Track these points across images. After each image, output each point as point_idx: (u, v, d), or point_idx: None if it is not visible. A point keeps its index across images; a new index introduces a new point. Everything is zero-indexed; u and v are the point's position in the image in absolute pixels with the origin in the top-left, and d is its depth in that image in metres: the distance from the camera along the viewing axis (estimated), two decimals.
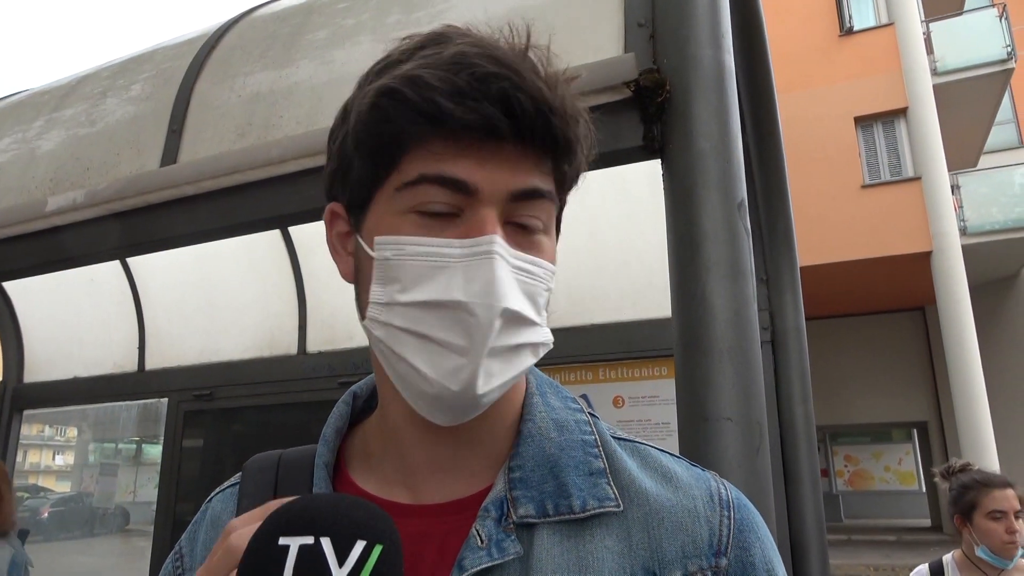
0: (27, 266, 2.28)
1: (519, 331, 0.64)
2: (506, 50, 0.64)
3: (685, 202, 1.22)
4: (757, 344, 1.16)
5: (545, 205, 0.67)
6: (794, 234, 2.90)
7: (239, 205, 1.76)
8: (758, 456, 1.11)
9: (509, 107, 0.61)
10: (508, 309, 0.62)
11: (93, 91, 2.45)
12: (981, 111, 14.35)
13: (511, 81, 0.61)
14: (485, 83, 0.61)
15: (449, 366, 0.62)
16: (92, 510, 15.78)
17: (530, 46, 0.67)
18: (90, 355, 4.48)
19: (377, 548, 0.56)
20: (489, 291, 0.61)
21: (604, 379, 3.23)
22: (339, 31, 1.98)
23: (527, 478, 0.68)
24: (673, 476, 0.71)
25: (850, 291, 14.33)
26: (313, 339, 3.98)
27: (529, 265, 0.65)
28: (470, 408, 0.65)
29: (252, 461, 0.80)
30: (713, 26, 1.32)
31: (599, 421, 0.75)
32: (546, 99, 0.62)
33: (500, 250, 0.62)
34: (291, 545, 0.55)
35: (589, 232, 3.35)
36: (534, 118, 0.62)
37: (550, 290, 0.68)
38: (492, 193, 0.63)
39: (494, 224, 0.63)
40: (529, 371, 0.76)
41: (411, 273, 0.63)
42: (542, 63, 0.66)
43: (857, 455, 20.10)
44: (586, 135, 0.68)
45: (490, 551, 0.64)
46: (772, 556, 0.69)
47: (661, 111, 1.28)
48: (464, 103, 0.61)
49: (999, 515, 2.40)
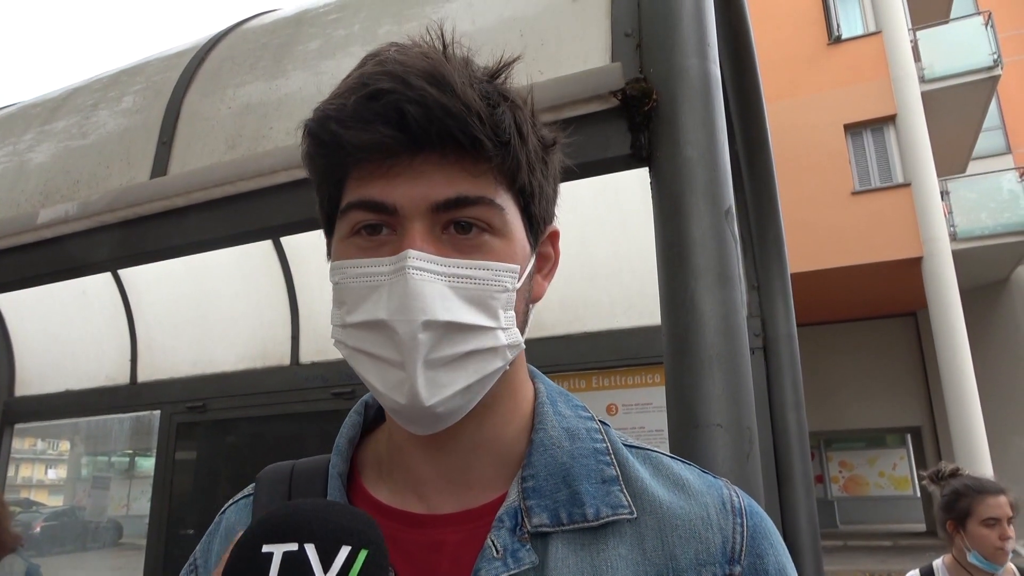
0: (17, 279, 2.28)
1: (462, 339, 0.64)
2: (413, 60, 0.63)
3: (673, 210, 1.23)
4: (746, 350, 1.17)
5: (481, 209, 0.65)
6: (784, 241, 2.91)
7: (230, 216, 1.76)
8: (748, 462, 1.11)
9: (402, 120, 0.61)
10: (432, 322, 0.62)
11: (83, 104, 2.45)
12: (969, 118, 14.46)
13: (400, 94, 0.61)
14: (374, 100, 0.61)
15: (393, 380, 0.64)
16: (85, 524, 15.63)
17: (446, 46, 0.67)
18: (82, 368, 4.46)
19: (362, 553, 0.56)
20: (406, 307, 0.61)
21: (597, 387, 3.23)
22: (330, 42, 1.98)
23: (540, 487, 0.68)
24: (685, 483, 0.71)
25: (842, 297, 14.38)
26: (306, 350, 3.96)
27: (471, 271, 0.64)
28: (430, 419, 0.65)
29: (265, 472, 0.80)
30: (699, 36, 1.33)
31: (610, 429, 0.75)
32: (440, 103, 0.61)
33: (417, 264, 0.62)
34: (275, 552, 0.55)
35: (581, 241, 3.36)
36: (428, 125, 0.61)
37: (510, 291, 0.67)
38: (412, 208, 0.63)
39: (413, 239, 0.63)
40: (538, 380, 0.77)
41: (353, 295, 0.65)
42: (462, 63, 0.66)
43: (851, 461, 20.11)
44: (523, 121, 0.67)
45: (506, 561, 0.64)
46: (785, 562, 0.70)
47: (648, 120, 1.29)
48: (354, 127, 0.62)
49: (993, 522, 2.41)
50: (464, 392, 0.65)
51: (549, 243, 0.77)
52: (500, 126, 0.64)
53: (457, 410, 0.66)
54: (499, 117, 0.64)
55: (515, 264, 0.67)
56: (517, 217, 0.69)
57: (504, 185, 0.67)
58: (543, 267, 0.77)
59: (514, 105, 0.66)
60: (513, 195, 0.68)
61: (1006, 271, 14.53)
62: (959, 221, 13.15)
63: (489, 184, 0.65)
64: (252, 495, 0.79)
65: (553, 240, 0.78)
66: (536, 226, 0.72)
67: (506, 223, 0.67)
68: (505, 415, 0.72)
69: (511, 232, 0.68)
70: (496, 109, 0.64)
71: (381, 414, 0.80)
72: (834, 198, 12.87)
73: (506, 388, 0.71)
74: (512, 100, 0.66)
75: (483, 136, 0.62)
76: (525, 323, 0.72)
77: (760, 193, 2.80)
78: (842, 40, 14.00)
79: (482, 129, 0.62)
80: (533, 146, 0.68)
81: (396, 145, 0.62)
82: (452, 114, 0.61)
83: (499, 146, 0.64)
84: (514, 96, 0.67)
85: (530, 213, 0.71)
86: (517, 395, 0.74)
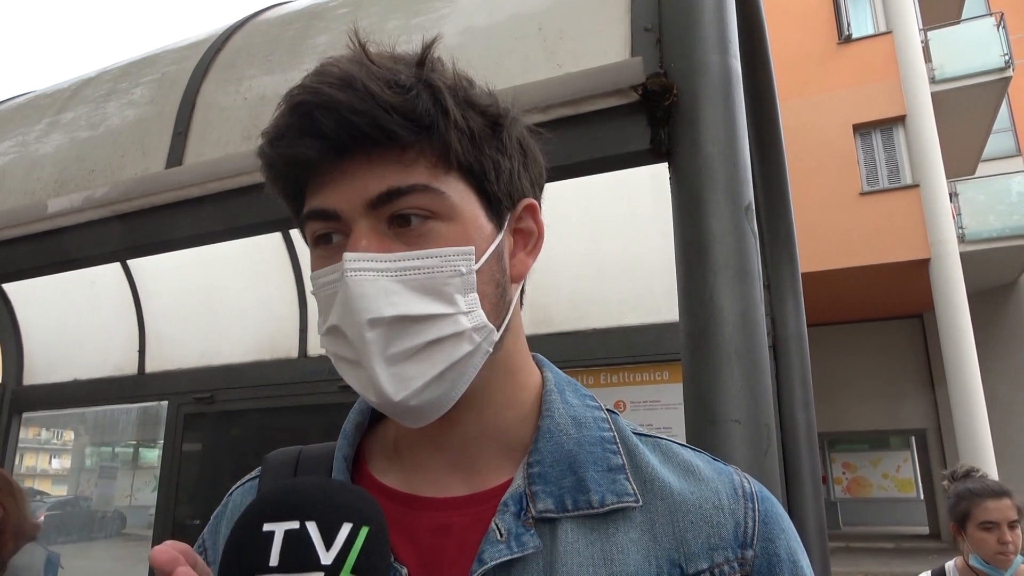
0: (30, 267, 2.28)
1: (417, 330, 0.64)
2: (328, 68, 0.64)
3: (692, 205, 1.23)
4: (765, 346, 1.17)
5: (418, 197, 0.64)
6: (795, 240, 2.91)
7: (244, 207, 1.76)
8: (766, 458, 1.11)
9: (316, 129, 0.62)
10: (377, 319, 0.63)
11: (97, 94, 2.46)
12: (979, 119, 14.39)
13: (311, 104, 0.62)
14: (292, 116, 0.63)
15: (363, 380, 0.65)
16: (90, 514, 15.72)
17: (363, 46, 0.67)
18: (90, 358, 4.47)
19: (364, 530, 0.56)
20: (348, 309, 0.63)
21: (606, 383, 3.23)
22: (340, 36, 1.98)
23: (546, 473, 0.68)
24: (695, 470, 0.71)
25: (848, 298, 14.34)
26: (314, 342, 3.97)
27: (417, 261, 0.64)
28: (410, 414, 0.66)
29: (272, 455, 0.81)
30: (720, 31, 1.33)
31: (618, 418, 0.75)
32: (345, 103, 0.61)
33: (354, 265, 0.63)
34: (276, 531, 0.55)
35: (590, 237, 3.35)
36: (339, 128, 0.62)
37: (466, 274, 0.66)
38: (351, 210, 0.65)
39: (356, 241, 0.64)
40: (547, 369, 0.78)
41: (323, 303, 0.68)
42: (387, 60, 0.66)
43: (855, 462, 20.08)
44: (450, 100, 0.65)
45: (509, 544, 0.64)
46: (796, 547, 0.70)
47: (668, 115, 1.28)
48: (280, 145, 0.64)
49: (990, 525, 2.41)
50: (437, 382, 0.65)
51: (529, 217, 0.75)
52: (414, 111, 0.63)
53: (437, 400, 0.66)
54: (411, 103, 0.63)
55: (469, 246, 0.66)
56: (469, 198, 0.68)
57: (442, 168, 0.66)
58: (526, 243, 0.76)
59: (433, 87, 0.65)
60: (458, 175, 0.67)
61: (1014, 274, 14.48)
62: (968, 223, 13.10)
63: (423, 171, 0.65)
64: (258, 477, 0.80)
65: (532, 213, 0.76)
66: (498, 203, 0.71)
67: (452, 207, 0.66)
68: (503, 401, 0.72)
69: (460, 214, 0.67)
70: (407, 95, 0.63)
71: None
72: (842, 198, 12.83)
73: (500, 373, 0.71)
74: (431, 83, 0.65)
75: (394, 126, 0.62)
76: (502, 305, 0.70)
77: (772, 191, 2.80)
78: (852, 40, 13.94)
79: (391, 119, 0.62)
80: (472, 123, 0.67)
81: (319, 154, 0.63)
82: (358, 111, 0.61)
83: (418, 131, 0.64)
84: (436, 79, 0.66)
85: (486, 192, 0.69)
86: (514, 380, 0.74)
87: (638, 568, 0.64)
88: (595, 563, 0.64)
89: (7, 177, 2.36)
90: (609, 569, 0.64)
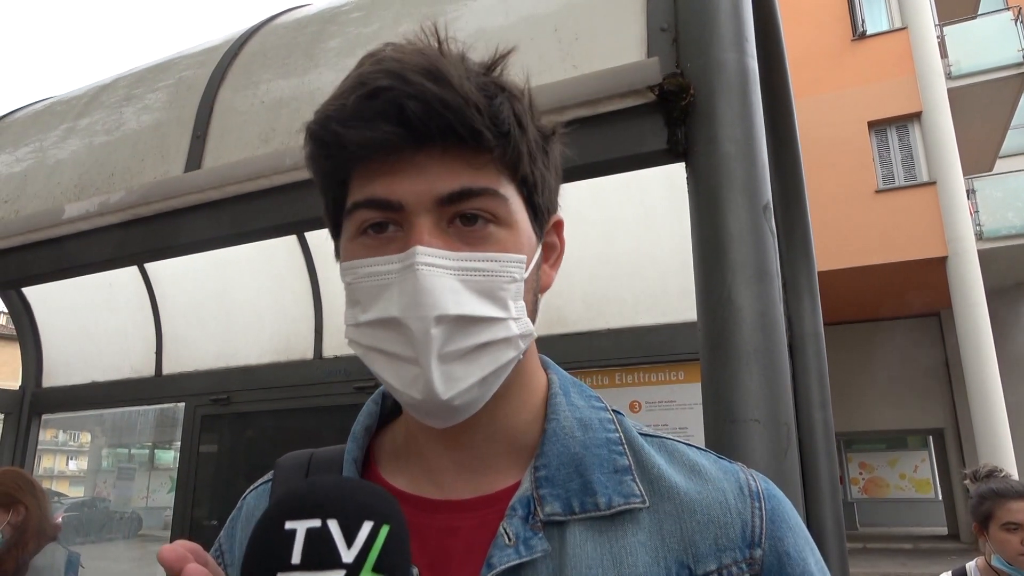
0: (49, 272, 2.31)
1: (475, 332, 0.64)
2: (410, 57, 0.64)
3: (710, 205, 1.23)
4: (784, 345, 1.17)
5: (486, 200, 0.65)
6: (811, 239, 2.89)
7: (262, 210, 1.78)
8: (786, 458, 1.11)
9: (402, 116, 0.61)
10: (444, 316, 0.62)
11: (115, 99, 2.48)
12: (996, 115, 14.23)
13: (399, 90, 0.61)
14: (374, 99, 0.62)
15: (408, 376, 0.64)
16: (108, 515, 15.89)
17: (441, 43, 0.67)
18: (108, 360, 4.52)
19: (384, 528, 0.56)
20: (418, 302, 0.62)
21: (620, 384, 3.23)
22: (353, 40, 1.99)
23: (553, 476, 0.69)
24: (702, 469, 0.71)
25: (865, 297, 14.23)
26: (329, 344, 3.99)
27: (479, 263, 0.65)
28: (448, 412, 0.66)
29: (284, 459, 0.82)
30: (736, 29, 1.32)
31: (624, 418, 0.75)
32: (439, 96, 0.61)
33: (426, 259, 0.62)
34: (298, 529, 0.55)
35: (605, 237, 3.35)
36: (428, 120, 0.61)
37: (519, 280, 0.67)
38: (417, 204, 0.64)
39: (420, 235, 0.63)
40: (551, 370, 0.78)
41: (366, 294, 0.66)
42: (458, 58, 0.66)
43: (872, 462, 19.91)
44: (522, 112, 0.67)
45: (518, 549, 0.65)
46: (803, 544, 0.70)
47: (685, 114, 1.28)
48: (356, 126, 0.62)
49: (1013, 527, 2.39)
50: (480, 384, 0.66)
51: (554, 232, 0.78)
52: (499, 117, 0.64)
53: (474, 402, 0.66)
54: (497, 108, 0.64)
55: (522, 254, 0.68)
56: (521, 208, 0.69)
57: (507, 176, 0.67)
58: (549, 256, 0.78)
59: (512, 96, 0.67)
60: (516, 186, 0.69)
61: None
62: (985, 220, 12.96)
63: (492, 175, 0.66)
64: (271, 481, 0.80)
65: (558, 229, 0.79)
66: (540, 216, 0.73)
67: (511, 213, 0.67)
68: (517, 404, 0.73)
69: (516, 222, 0.68)
70: (494, 100, 0.64)
71: (398, 405, 0.81)
72: (858, 196, 12.73)
73: (518, 377, 0.72)
74: (509, 91, 0.67)
75: (482, 127, 0.63)
76: (535, 312, 0.72)
77: (788, 190, 2.78)
78: (867, 36, 13.83)
79: (481, 120, 0.63)
80: (533, 136, 0.69)
81: (398, 141, 0.62)
82: (451, 107, 0.61)
83: (499, 137, 0.64)
84: (511, 87, 0.68)
85: (534, 203, 0.71)
86: (529, 384, 0.75)
87: (647, 570, 0.65)
88: (603, 565, 0.65)
89: (28, 182, 2.39)
90: (618, 571, 0.64)
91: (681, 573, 0.65)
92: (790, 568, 0.68)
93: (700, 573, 0.65)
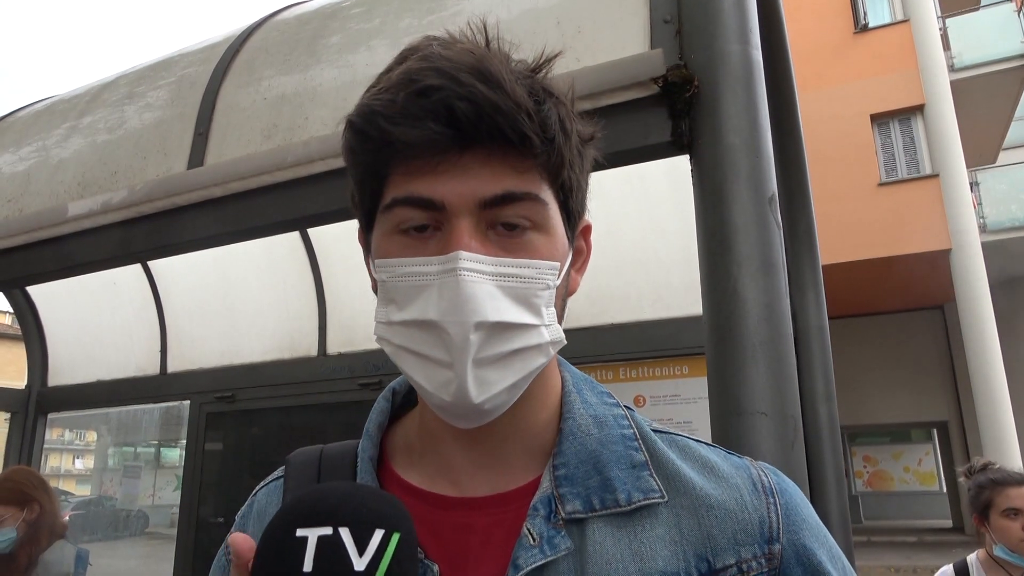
0: (53, 270, 2.31)
1: (509, 338, 0.64)
2: (459, 56, 0.63)
3: (715, 197, 1.22)
4: (790, 338, 1.16)
5: (527, 205, 0.65)
6: (816, 232, 2.88)
7: (265, 207, 1.78)
8: (793, 450, 1.10)
9: (452, 117, 0.61)
10: (483, 323, 0.62)
11: (116, 97, 2.48)
12: (999, 107, 14.18)
13: (450, 90, 0.61)
14: (424, 97, 0.61)
15: (441, 379, 0.64)
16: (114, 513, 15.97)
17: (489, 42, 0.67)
18: (113, 358, 4.53)
19: (395, 536, 0.56)
20: (458, 308, 0.62)
21: (625, 378, 3.23)
22: (354, 36, 1.99)
23: (572, 475, 0.69)
24: (714, 466, 0.72)
25: (868, 290, 14.21)
26: (333, 341, 4.00)
27: (516, 269, 0.65)
28: (476, 415, 0.66)
29: (295, 455, 0.81)
30: (740, 21, 1.32)
31: (635, 414, 0.76)
32: (490, 99, 0.61)
33: (468, 265, 0.62)
34: (309, 536, 0.55)
35: (608, 232, 3.34)
36: (478, 122, 0.61)
37: (552, 287, 0.67)
38: (460, 205, 0.64)
39: (461, 238, 0.63)
40: (564, 368, 0.79)
41: (402, 294, 0.66)
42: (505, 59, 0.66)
43: (876, 456, 19.90)
44: (567, 117, 0.67)
45: (542, 548, 0.65)
46: (819, 532, 0.72)
47: (689, 107, 1.28)
48: (404, 124, 0.61)
49: (1014, 513, 2.39)
50: (510, 389, 0.66)
51: (582, 237, 0.78)
52: (547, 122, 0.64)
53: (502, 405, 0.67)
54: (546, 113, 0.64)
55: (556, 261, 0.68)
56: (557, 213, 0.69)
57: (547, 181, 0.67)
58: (576, 261, 0.78)
59: (558, 101, 0.67)
60: (555, 191, 0.68)
61: None
62: (989, 212, 12.93)
63: (534, 180, 0.66)
64: (282, 478, 0.80)
65: (585, 234, 0.79)
66: (573, 220, 0.73)
67: (548, 219, 0.67)
68: (536, 404, 0.73)
69: (553, 228, 0.68)
70: (543, 106, 0.64)
71: (407, 400, 0.82)
72: (860, 190, 12.70)
73: (540, 379, 0.72)
74: (556, 96, 0.67)
75: (532, 133, 0.63)
76: (562, 318, 0.72)
77: (792, 183, 2.77)
78: (869, 29, 13.78)
79: (531, 126, 0.62)
80: (575, 142, 0.69)
81: (446, 142, 0.62)
82: (502, 111, 0.61)
83: (545, 142, 0.64)
84: (558, 92, 0.67)
85: (568, 208, 0.71)
86: (548, 384, 0.75)
87: (667, 563, 0.65)
88: (624, 560, 0.65)
89: (31, 181, 2.39)
90: (638, 565, 0.65)
91: (700, 566, 0.66)
92: (807, 559, 0.69)
93: (719, 566, 0.66)
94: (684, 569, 0.65)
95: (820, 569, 0.69)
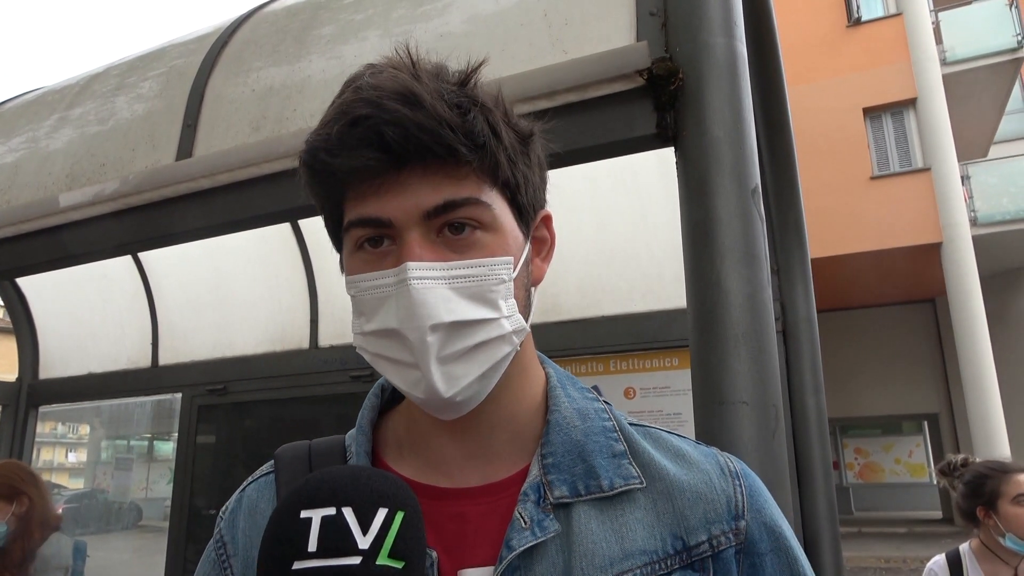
0: (44, 261, 2.31)
1: (469, 334, 0.69)
2: (385, 83, 0.67)
3: (699, 189, 1.23)
4: (772, 328, 1.18)
5: (469, 209, 0.70)
6: (804, 225, 2.89)
7: (255, 198, 1.78)
8: (774, 440, 1.12)
9: (383, 142, 0.66)
10: (439, 324, 0.67)
11: (105, 88, 2.47)
12: (991, 101, 14.23)
13: (377, 118, 0.65)
14: (356, 127, 0.66)
15: (411, 379, 0.70)
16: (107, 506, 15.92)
17: (415, 63, 0.70)
18: (104, 351, 4.52)
19: (399, 514, 0.57)
20: (412, 315, 0.67)
21: (615, 371, 3.24)
22: (346, 27, 1.99)
23: (559, 463, 0.75)
24: (685, 454, 0.79)
25: (859, 283, 14.27)
26: (325, 333, 4.00)
27: (467, 270, 0.69)
28: (452, 407, 0.71)
29: (283, 450, 0.84)
30: (725, 14, 1.32)
31: (613, 408, 0.82)
32: (415, 120, 0.65)
33: (417, 274, 0.67)
34: (313, 517, 0.57)
35: (598, 225, 3.35)
36: (406, 143, 0.66)
37: (508, 280, 0.72)
38: (405, 220, 0.69)
39: (412, 250, 0.68)
40: (547, 365, 0.84)
41: (368, 306, 0.72)
42: (434, 76, 0.70)
43: (867, 448, 19.98)
44: (497, 121, 0.71)
45: (533, 530, 0.70)
46: (776, 514, 0.79)
47: (674, 99, 1.29)
48: (342, 155, 0.67)
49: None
50: (480, 379, 0.71)
51: (544, 227, 0.83)
52: (473, 131, 0.68)
53: (475, 396, 0.72)
54: (471, 123, 0.68)
55: (509, 256, 0.72)
56: (506, 210, 0.74)
57: (488, 182, 0.72)
58: (540, 250, 0.83)
59: (485, 108, 0.70)
60: (499, 190, 0.73)
61: None
62: (980, 206, 12.98)
63: (473, 184, 0.70)
64: (272, 473, 0.82)
65: (547, 223, 0.84)
66: (526, 214, 0.77)
67: (495, 218, 0.72)
68: (518, 394, 0.78)
69: (501, 225, 0.73)
70: (467, 116, 0.68)
71: (396, 395, 0.86)
72: (852, 183, 12.75)
73: (517, 369, 0.77)
74: (482, 103, 0.70)
75: (457, 144, 0.67)
76: (528, 307, 0.77)
77: (780, 176, 2.79)
78: (862, 22, 13.81)
79: (455, 138, 0.67)
80: (510, 142, 0.73)
81: (382, 165, 0.67)
82: (426, 129, 0.66)
83: (475, 149, 0.69)
84: (484, 99, 0.71)
85: (518, 204, 0.76)
86: (527, 375, 0.80)
87: (645, 542, 0.72)
88: (608, 540, 0.71)
89: (20, 172, 2.38)
90: (620, 545, 0.71)
91: (675, 544, 0.72)
92: (769, 534, 0.76)
93: (692, 543, 0.73)
94: (661, 547, 0.72)
95: (783, 535, 0.77)
